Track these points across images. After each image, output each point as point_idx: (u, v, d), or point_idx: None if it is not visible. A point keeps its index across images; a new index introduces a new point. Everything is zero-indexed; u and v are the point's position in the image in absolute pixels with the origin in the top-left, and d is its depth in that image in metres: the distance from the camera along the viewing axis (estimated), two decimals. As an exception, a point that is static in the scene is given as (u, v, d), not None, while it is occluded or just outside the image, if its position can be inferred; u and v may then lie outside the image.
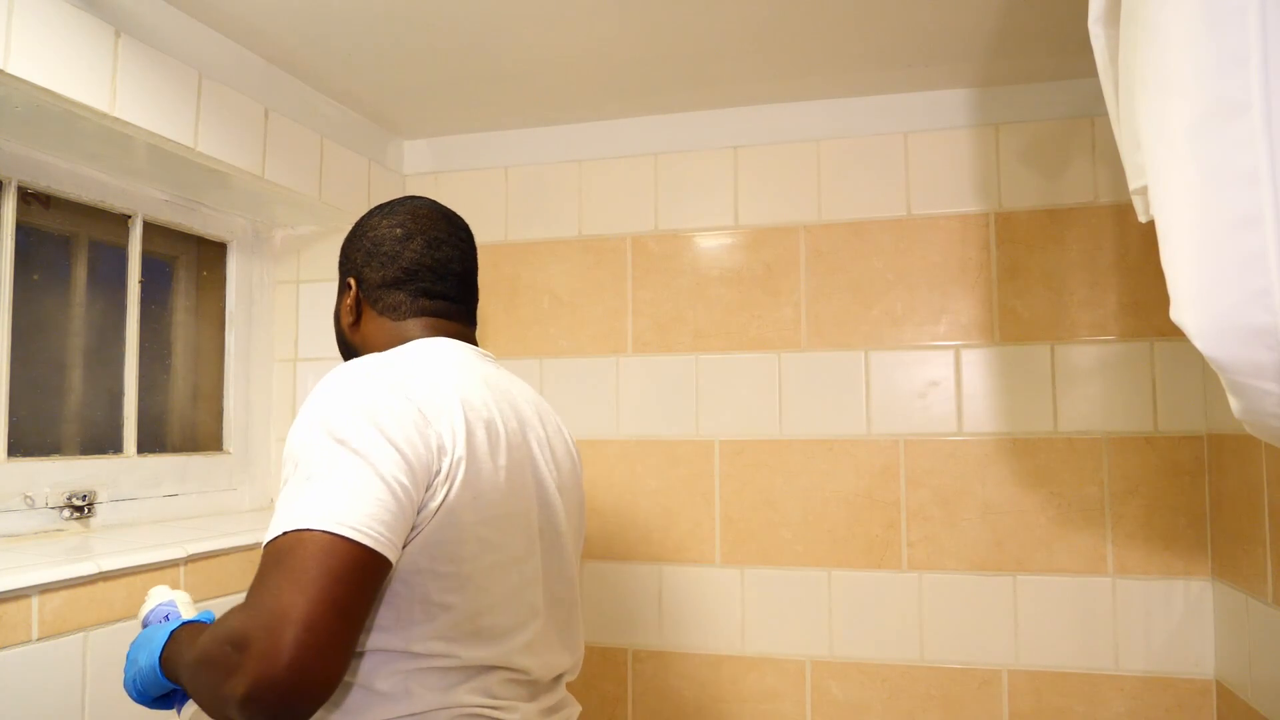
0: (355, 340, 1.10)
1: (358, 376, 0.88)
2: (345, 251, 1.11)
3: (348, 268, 1.10)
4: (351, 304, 1.09)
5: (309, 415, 0.84)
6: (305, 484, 0.79)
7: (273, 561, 0.77)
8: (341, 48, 1.57)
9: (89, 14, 1.26)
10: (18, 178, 1.40)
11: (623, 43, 1.57)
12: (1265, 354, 0.61)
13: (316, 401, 0.86)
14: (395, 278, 1.06)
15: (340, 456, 0.80)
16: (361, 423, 0.82)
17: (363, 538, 0.77)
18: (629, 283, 1.95)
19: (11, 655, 1.13)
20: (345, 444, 0.81)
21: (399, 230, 1.07)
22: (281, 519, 0.79)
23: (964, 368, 1.77)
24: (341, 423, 0.82)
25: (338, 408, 0.83)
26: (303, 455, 0.82)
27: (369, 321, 1.08)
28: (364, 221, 1.11)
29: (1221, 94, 0.62)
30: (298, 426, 0.85)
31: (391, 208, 1.10)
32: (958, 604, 1.73)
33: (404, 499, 0.81)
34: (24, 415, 1.41)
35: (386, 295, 1.07)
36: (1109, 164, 1.73)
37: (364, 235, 1.09)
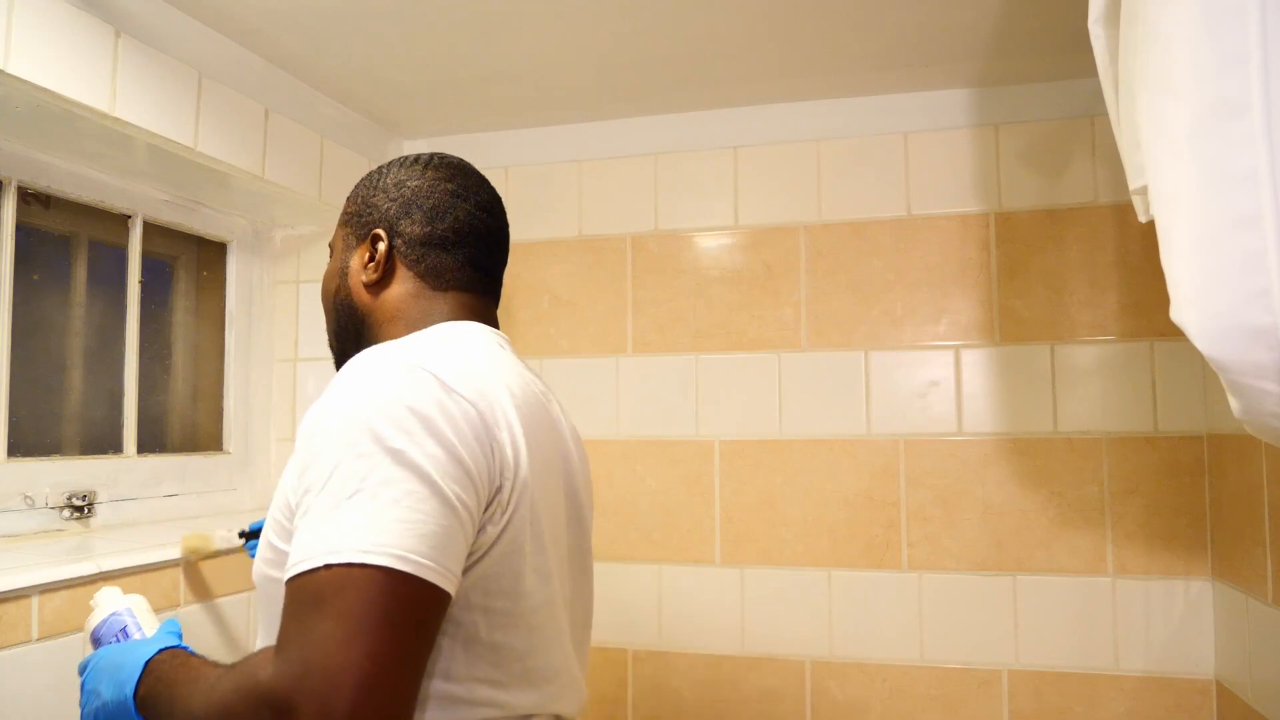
0: (370, 307, 0.91)
1: (402, 367, 0.72)
2: (365, 200, 0.93)
3: (370, 217, 0.92)
4: (379, 260, 0.89)
5: (344, 414, 0.69)
6: (347, 503, 0.65)
7: (311, 602, 0.63)
8: (341, 48, 1.57)
9: (89, 14, 1.26)
10: (18, 178, 1.40)
11: (623, 43, 1.57)
12: (1265, 354, 0.61)
13: (353, 397, 0.70)
14: (443, 236, 0.90)
15: (390, 468, 0.66)
16: (415, 426, 0.68)
17: (427, 572, 0.64)
18: (629, 283, 1.95)
19: (11, 655, 1.13)
20: (397, 453, 0.66)
21: (450, 185, 0.91)
22: (317, 545, 0.64)
23: (964, 368, 1.77)
24: (391, 426, 0.67)
25: (384, 406, 0.68)
26: (340, 464, 0.66)
27: (401, 283, 0.89)
28: (393, 170, 0.94)
29: (1221, 94, 0.62)
30: (328, 427, 0.69)
31: (431, 161, 0.94)
32: (958, 604, 1.73)
33: (466, 521, 0.69)
34: (24, 415, 1.41)
35: (431, 255, 0.89)
36: (1109, 164, 1.73)
37: (399, 184, 0.92)
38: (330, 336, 0.96)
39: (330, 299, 0.95)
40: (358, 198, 0.95)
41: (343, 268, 0.93)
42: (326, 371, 1.87)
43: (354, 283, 0.92)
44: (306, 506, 0.68)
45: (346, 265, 0.93)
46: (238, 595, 1.55)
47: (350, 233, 0.94)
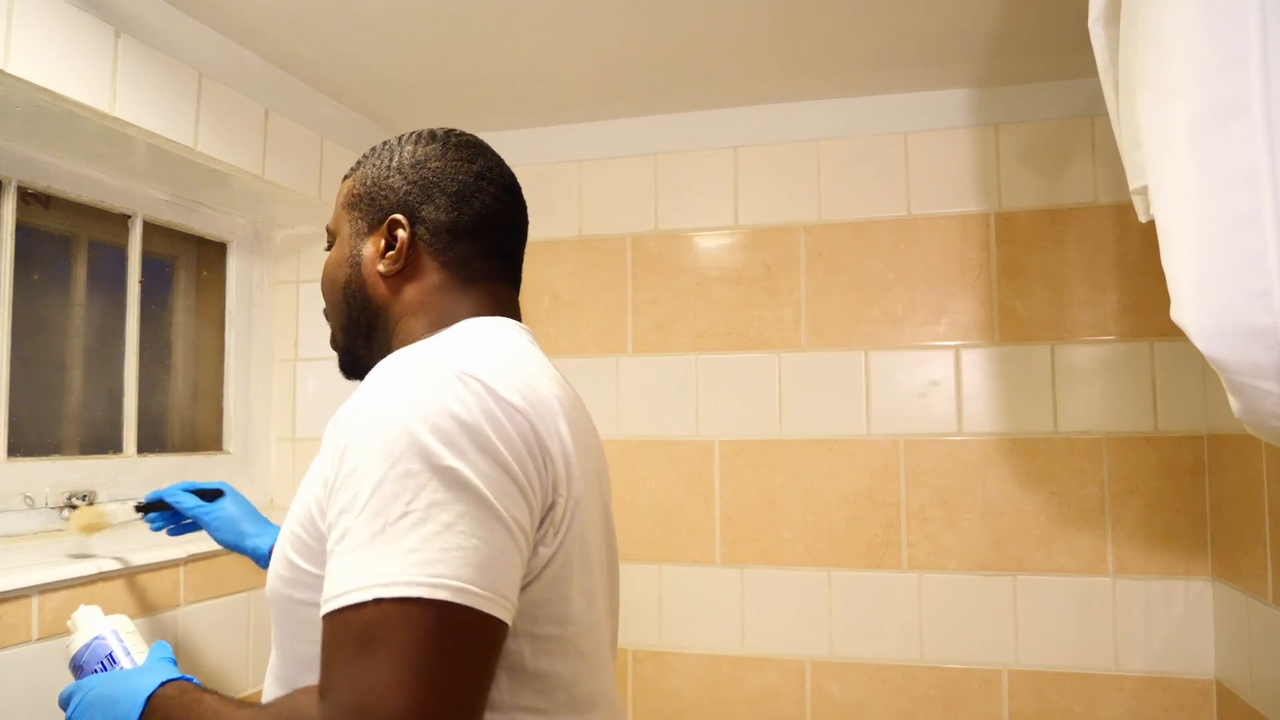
0: (388, 300, 0.82)
1: (446, 372, 0.65)
2: (377, 181, 0.83)
3: (385, 201, 0.82)
4: (400, 249, 0.80)
5: (384, 425, 0.62)
6: (393, 527, 0.58)
7: (361, 640, 0.57)
8: (341, 48, 1.57)
9: (89, 14, 1.26)
10: (18, 178, 1.40)
11: (623, 43, 1.57)
12: (1265, 354, 0.61)
13: (392, 405, 0.63)
14: (470, 224, 0.82)
15: (441, 488, 0.60)
16: (464, 440, 0.61)
17: (486, 604, 0.59)
18: (629, 283, 1.95)
19: (11, 655, 1.13)
20: (447, 471, 0.60)
21: (474, 166, 0.83)
22: (362, 576, 0.58)
23: (964, 368, 1.77)
24: (438, 440, 0.61)
25: (429, 417, 0.61)
26: (383, 483, 0.60)
27: (424, 275, 0.81)
28: (408, 148, 0.84)
29: (1221, 94, 0.62)
30: (365, 439, 0.62)
31: (449, 139, 0.85)
32: (958, 604, 1.73)
33: (522, 544, 0.64)
34: (24, 415, 1.41)
35: (457, 244, 0.81)
36: (1109, 164, 1.73)
37: (417, 165, 0.82)
38: (336, 331, 0.87)
39: (338, 290, 0.85)
40: (366, 178, 0.85)
41: (353, 256, 0.84)
42: (327, 371, 1.87)
43: (368, 273, 0.82)
44: (344, 529, 0.60)
45: (358, 253, 0.83)
46: (237, 595, 1.55)
47: (359, 217, 0.84)
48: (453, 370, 0.65)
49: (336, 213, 0.88)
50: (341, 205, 0.87)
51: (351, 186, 0.86)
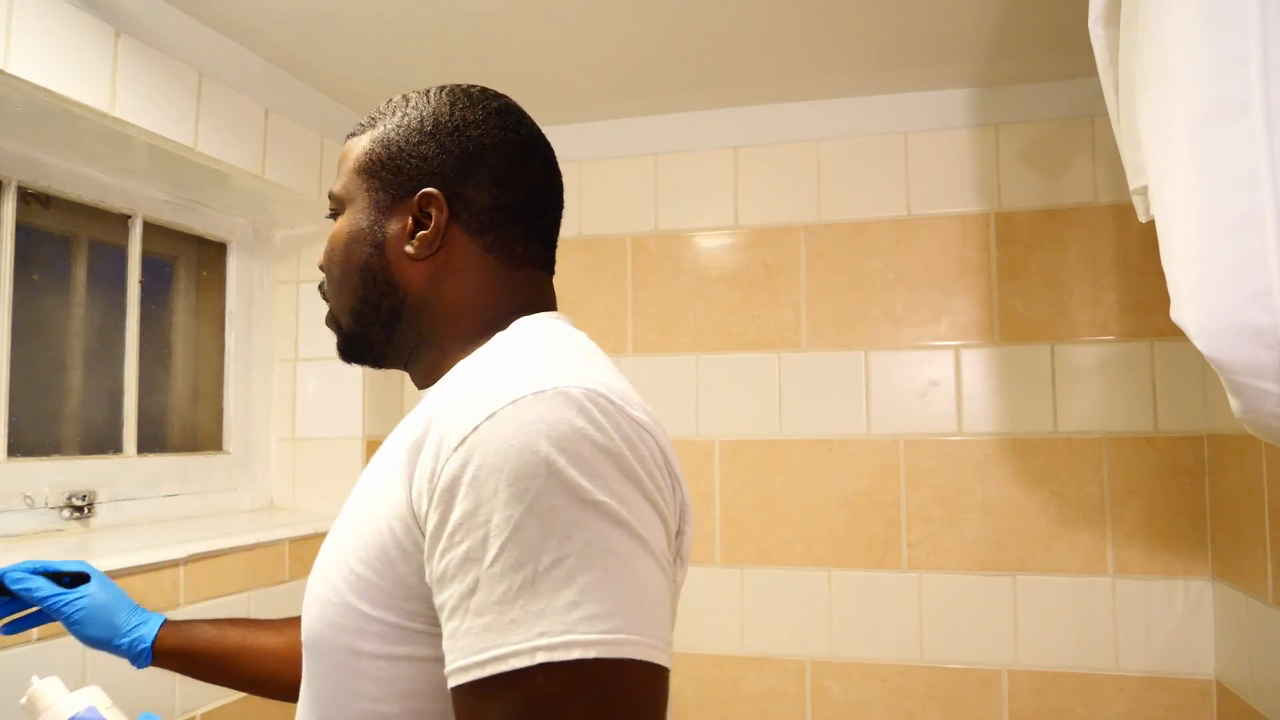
0: (421, 289, 0.71)
1: (574, 391, 0.56)
2: (404, 147, 0.71)
3: (416, 171, 0.71)
4: (436, 231, 0.70)
5: (514, 454, 0.52)
6: (547, 576, 0.50)
7: (533, 713, 0.49)
8: (341, 48, 1.57)
9: (89, 14, 1.26)
10: (18, 178, 1.40)
11: (623, 43, 1.57)
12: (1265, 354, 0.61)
13: (520, 431, 0.53)
14: (514, 205, 0.72)
15: (597, 528, 0.52)
16: (609, 469, 0.54)
17: (662, 656, 0.52)
18: (629, 283, 1.95)
19: (12, 655, 1.13)
20: (602, 507, 0.52)
21: (518, 136, 0.73)
22: (516, 635, 0.49)
23: (964, 368, 1.77)
24: (582, 470, 0.52)
25: (568, 444, 0.53)
26: (523, 524, 0.51)
27: (463, 260, 0.71)
28: (442, 108, 0.72)
29: (1221, 95, 0.62)
30: (491, 471, 0.52)
31: (485, 100, 0.74)
32: (958, 604, 1.73)
33: (669, 580, 0.57)
34: (24, 415, 1.41)
35: (499, 227, 0.71)
36: (1109, 164, 1.73)
37: (456, 131, 0.71)
38: (343, 313, 0.75)
39: (353, 269, 0.73)
40: (390, 141, 0.72)
41: (373, 232, 0.71)
42: (327, 371, 1.87)
43: (394, 255, 0.71)
44: (472, 581, 0.51)
45: (380, 230, 0.71)
46: (238, 595, 1.55)
47: (380, 187, 0.72)
48: (578, 387, 0.56)
49: (346, 177, 0.75)
50: (355, 170, 0.74)
51: (369, 149, 0.73)
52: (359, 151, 0.74)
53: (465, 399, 0.57)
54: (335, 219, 0.76)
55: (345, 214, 0.74)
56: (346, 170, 0.75)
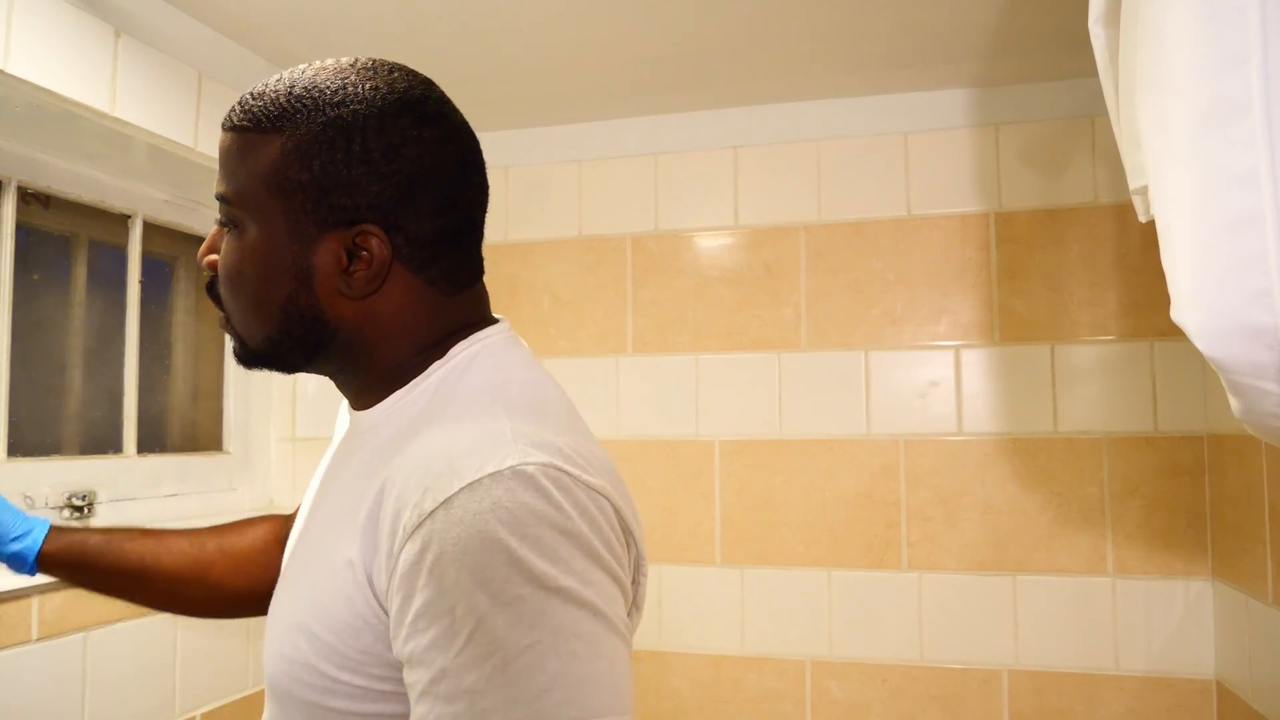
0: (354, 323, 0.66)
1: (529, 468, 0.55)
2: (333, 173, 0.62)
3: (350, 202, 0.62)
4: (377, 270, 0.63)
5: (474, 541, 0.52)
6: (517, 664, 0.51)
7: None
8: (341, 48, 1.57)
9: (89, 14, 1.26)
10: (18, 178, 1.40)
11: (623, 43, 1.57)
12: (1265, 354, 0.61)
13: (478, 516, 0.52)
14: (456, 229, 0.66)
15: (560, 612, 0.52)
16: (571, 551, 0.54)
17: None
18: (629, 283, 1.95)
19: (11, 655, 1.13)
20: (564, 592, 0.52)
21: (452, 149, 0.66)
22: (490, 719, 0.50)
23: (964, 368, 1.77)
24: (545, 556, 0.52)
25: (529, 530, 0.52)
26: (487, 615, 0.51)
27: (400, 291, 0.65)
28: (369, 122, 0.62)
29: (1221, 94, 0.62)
30: (452, 557, 0.52)
31: (415, 106, 0.64)
32: (958, 604, 1.73)
33: (630, 646, 0.58)
34: (24, 415, 1.41)
35: (441, 257, 0.66)
36: (1109, 164, 1.73)
37: (389, 153, 0.62)
38: (257, 340, 0.67)
39: (271, 302, 0.64)
40: (311, 161, 0.61)
41: (297, 266, 0.63)
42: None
43: (324, 292, 0.64)
44: (439, 669, 0.51)
45: (306, 264, 0.63)
46: (238, 595, 1.54)
47: (301, 213, 0.62)
48: (533, 463, 0.55)
49: (247, 185, 0.64)
50: (263, 185, 0.63)
51: (282, 167, 0.62)
52: (266, 162, 0.63)
53: (418, 476, 0.56)
54: (228, 227, 0.66)
55: (249, 232, 0.64)
56: (247, 178, 0.64)
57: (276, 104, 0.63)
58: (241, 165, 0.64)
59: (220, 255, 0.67)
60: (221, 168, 0.66)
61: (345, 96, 0.63)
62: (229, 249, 0.66)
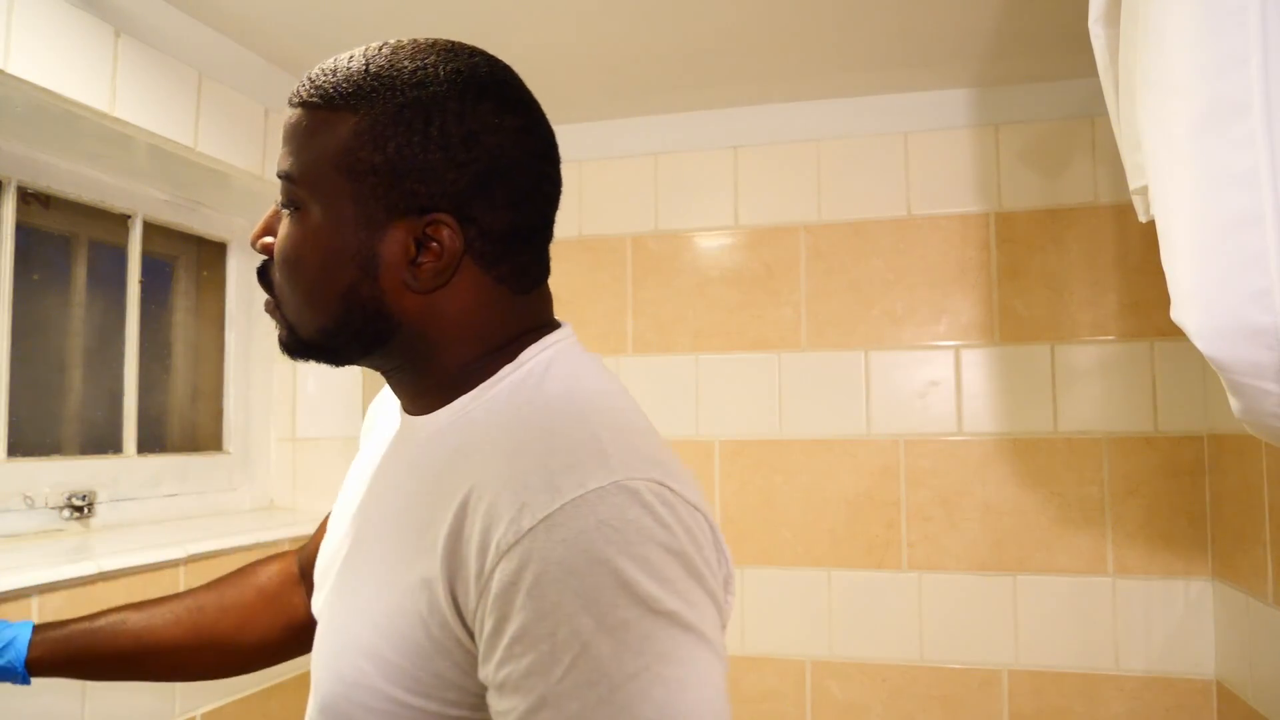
0: (419, 318, 0.62)
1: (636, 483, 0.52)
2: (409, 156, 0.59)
3: (424, 189, 0.59)
4: (448, 262, 0.60)
5: (579, 560, 0.49)
6: (625, 691, 0.48)
7: None
8: (341, 48, 1.57)
9: (89, 14, 1.26)
10: (18, 178, 1.40)
11: (623, 43, 1.57)
12: (1265, 354, 0.61)
13: (583, 534, 0.49)
14: (529, 226, 0.64)
15: (668, 638, 0.49)
16: (678, 572, 0.51)
17: None
18: (629, 283, 1.95)
19: (11, 655, 1.13)
20: (673, 616, 0.50)
21: (532, 141, 0.63)
22: None
23: (964, 368, 1.77)
24: (654, 578, 0.50)
25: (638, 550, 0.50)
26: (593, 639, 0.48)
27: (468, 288, 0.62)
28: (449, 103, 0.59)
29: (1221, 94, 0.62)
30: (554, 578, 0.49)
31: (497, 90, 0.62)
32: (958, 604, 1.73)
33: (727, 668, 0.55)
34: (24, 415, 1.41)
35: (514, 253, 0.63)
36: (1109, 164, 1.73)
37: (469, 140, 0.59)
38: (311, 330, 0.66)
39: (332, 290, 0.61)
40: (386, 143, 0.58)
41: (362, 254, 0.60)
42: (327, 371, 1.87)
43: (390, 284, 0.61)
44: (539, 696, 0.48)
45: (372, 252, 0.60)
46: (238, 595, 1.55)
47: (371, 198, 0.59)
48: (640, 478, 0.52)
49: (316, 167, 0.61)
50: (332, 165, 0.60)
51: (355, 147, 0.59)
52: (338, 142, 0.60)
53: (511, 489, 0.52)
54: (288, 209, 0.63)
55: (312, 214, 0.61)
56: (316, 157, 0.61)
57: (351, 81, 0.60)
58: (310, 143, 0.61)
59: (277, 238, 0.64)
60: (286, 144, 0.63)
61: (425, 78, 0.60)
62: (288, 232, 0.63)
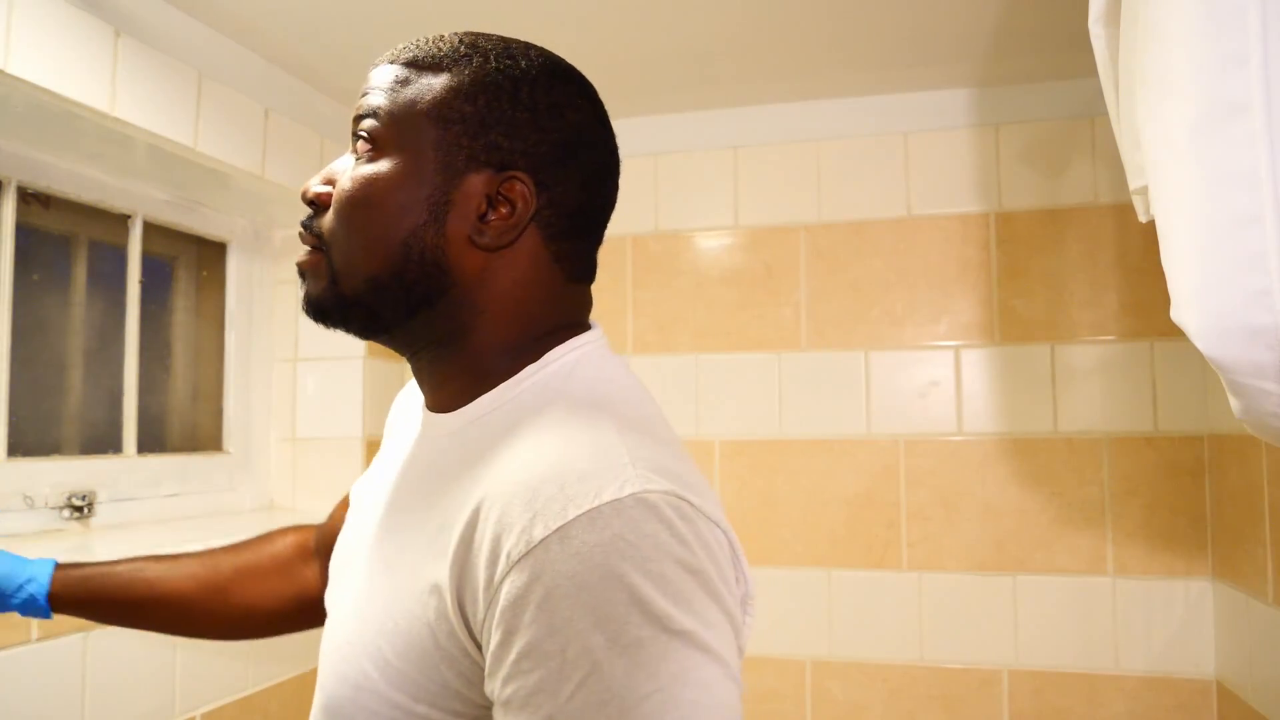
0: (471, 281, 0.61)
1: (654, 497, 0.50)
2: (496, 109, 0.60)
3: (509, 145, 0.60)
4: (519, 220, 0.60)
5: (592, 575, 0.47)
6: (637, 713, 0.46)
7: None
8: (341, 48, 1.57)
9: (89, 14, 1.26)
10: (18, 178, 1.40)
11: (623, 42, 1.57)
12: (1265, 354, 0.61)
13: (597, 547, 0.48)
14: (595, 212, 0.66)
15: (682, 657, 0.48)
16: (695, 590, 0.49)
17: None
18: (629, 283, 1.95)
19: (11, 655, 1.13)
20: (688, 636, 0.48)
21: (608, 135, 0.66)
22: None
23: (964, 368, 1.77)
24: (669, 596, 0.48)
25: (654, 566, 0.48)
26: (604, 658, 0.47)
27: (526, 261, 0.62)
28: (539, 78, 0.63)
29: (1221, 94, 0.62)
30: (565, 592, 0.47)
31: (580, 80, 0.66)
32: (958, 604, 1.73)
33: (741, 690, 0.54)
34: (24, 415, 1.41)
35: (574, 235, 0.64)
36: (1109, 164, 1.73)
37: (556, 109, 0.62)
38: (357, 280, 0.61)
39: (394, 233, 0.60)
40: (477, 95, 0.60)
41: (435, 200, 0.59)
42: (327, 371, 1.87)
43: (454, 234, 0.59)
44: (546, 715, 0.47)
45: (446, 200, 0.59)
46: (238, 595, 1.54)
47: (456, 148, 0.60)
48: (657, 490, 0.50)
49: (404, 112, 0.61)
50: (424, 113, 0.60)
51: (448, 98, 0.60)
52: (431, 91, 0.61)
53: (524, 497, 0.51)
54: (367, 150, 0.62)
55: (392, 159, 0.61)
56: (406, 104, 0.61)
57: (449, 46, 0.64)
58: (402, 90, 0.62)
59: (344, 181, 0.63)
60: (375, 90, 0.63)
61: (514, 54, 0.64)
62: (361, 173, 0.62)
